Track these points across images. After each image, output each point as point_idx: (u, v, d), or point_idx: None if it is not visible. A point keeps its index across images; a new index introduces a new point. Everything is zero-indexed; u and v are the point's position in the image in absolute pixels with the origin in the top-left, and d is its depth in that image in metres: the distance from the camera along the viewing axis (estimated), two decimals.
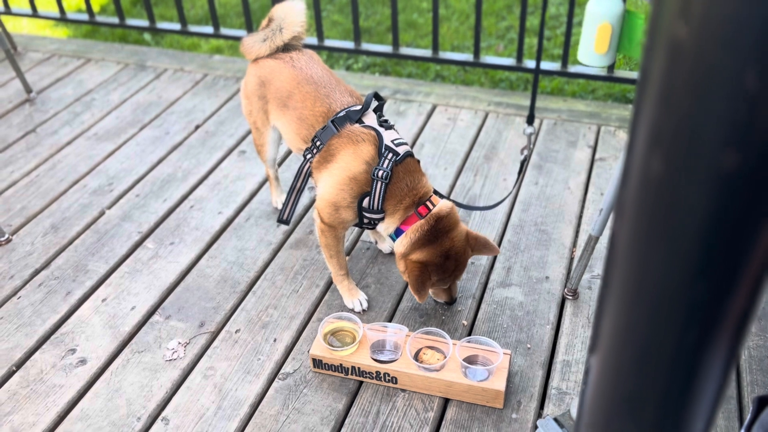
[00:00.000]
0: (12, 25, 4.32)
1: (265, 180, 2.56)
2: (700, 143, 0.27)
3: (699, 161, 0.27)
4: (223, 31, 3.46)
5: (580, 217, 2.33)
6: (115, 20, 3.61)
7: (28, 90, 3.13)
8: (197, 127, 2.91)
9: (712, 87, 0.26)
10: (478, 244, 1.84)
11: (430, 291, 1.91)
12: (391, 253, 2.19)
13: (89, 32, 4.22)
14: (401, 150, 1.78)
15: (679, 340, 0.33)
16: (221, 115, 2.99)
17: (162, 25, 3.55)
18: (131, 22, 3.60)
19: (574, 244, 2.22)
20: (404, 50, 3.24)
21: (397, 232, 1.80)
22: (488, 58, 3.14)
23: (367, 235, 2.26)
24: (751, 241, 0.29)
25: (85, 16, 3.68)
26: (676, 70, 0.27)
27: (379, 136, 1.79)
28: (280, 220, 1.99)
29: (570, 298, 2.01)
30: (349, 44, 3.27)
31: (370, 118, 1.85)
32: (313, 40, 3.30)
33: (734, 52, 0.25)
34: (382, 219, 1.82)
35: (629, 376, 0.34)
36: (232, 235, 2.30)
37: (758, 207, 0.27)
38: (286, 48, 2.05)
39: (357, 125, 1.81)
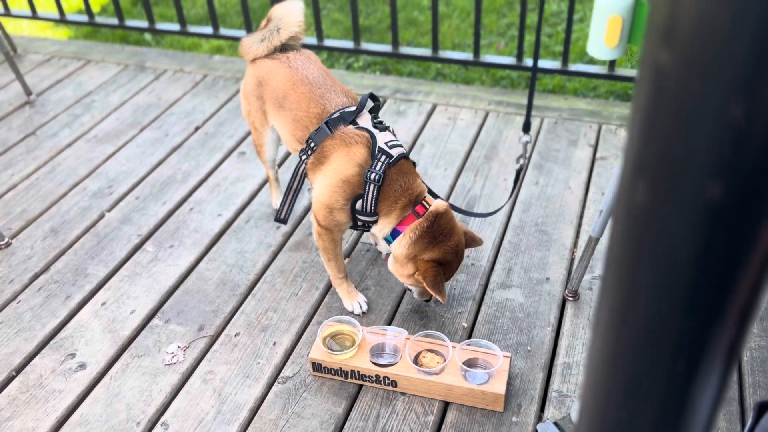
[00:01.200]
0: (12, 26, 4.31)
1: (265, 182, 2.55)
2: (685, 174, 0.26)
3: (684, 191, 0.26)
4: (223, 31, 3.45)
5: (581, 217, 2.32)
6: (115, 21, 3.61)
7: (28, 92, 3.13)
8: (197, 128, 2.90)
9: (696, 117, 0.25)
10: (468, 238, 1.86)
11: (414, 290, 1.90)
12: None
13: (90, 33, 4.21)
14: (395, 152, 1.77)
15: (669, 370, 0.32)
16: (221, 116, 2.98)
17: (161, 25, 3.54)
18: (131, 23, 3.59)
19: (575, 244, 2.20)
20: (404, 50, 3.22)
21: (394, 234, 1.79)
22: (488, 57, 3.13)
23: (367, 237, 2.25)
24: (739, 272, 0.28)
25: (84, 18, 3.67)
26: (660, 98, 0.26)
27: (373, 137, 1.78)
28: (278, 219, 1.99)
29: (571, 299, 2.00)
30: (349, 44, 3.26)
31: (365, 120, 1.84)
32: (312, 40, 3.29)
33: (719, 82, 0.24)
34: (376, 221, 1.81)
35: (618, 406, 0.33)
36: (231, 238, 2.30)
37: (745, 238, 0.26)
38: (284, 48, 2.05)
39: (350, 127, 1.80)
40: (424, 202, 1.78)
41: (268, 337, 1.93)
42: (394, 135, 1.86)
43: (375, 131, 1.80)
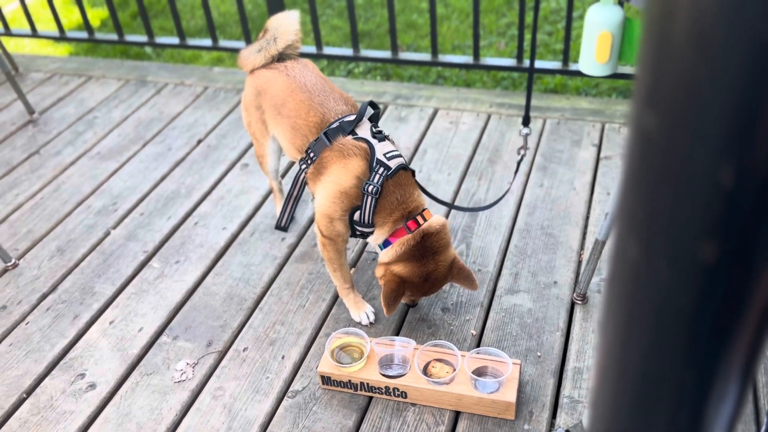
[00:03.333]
0: (14, 44, 4.34)
1: (269, 193, 2.55)
2: (676, 234, 0.25)
3: (676, 251, 0.26)
4: (222, 43, 3.45)
5: (587, 218, 2.30)
6: (114, 37, 3.61)
7: (31, 111, 3.14)
8: (199, 141, 2.91)
9: (685, 179, 0.24)
10: (460, 275, 1.82)
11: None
12: None
13: (90, 48, 4.23)
14: (393, 163, 1.77)
15: (670, 421, 0.31)
16: (222, 128, 2.99)
17: (161, 39, 3.55)
18: (130, 38, 3.60)
19: (582, 246, 2.19)
20: (403, 55, 3.22)
21: (385, 243, 1.80)
22: (488, 60, 3.11)
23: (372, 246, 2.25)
24: (736, 330, 0.27)
25: (84, 34, 3.68)
26: (648, 160, 0.25)
27: (372, 148, 1.77)
28: (278, 227, 2.00)
29: (579, 302, 1.98)
30: (348, 51, 3.25)
31: (364, 129, 1.83)
32: (312, 49, 3.28)
33: (706, 144, 0.23)
34: (372, 232, 1.81)
35: None
36: (237, 251, 2.30)
37: (739, 297, 0.26)
38: (282, 58, 2.05)
39: (349, 138, 1.80)
40: (418, 217, 1.77)
41: (276, 350, 1.93)
42: (394, 144, 1.85)
43: (374, 141, 1.79)
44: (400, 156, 1.81)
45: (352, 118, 1.84)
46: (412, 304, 1.96)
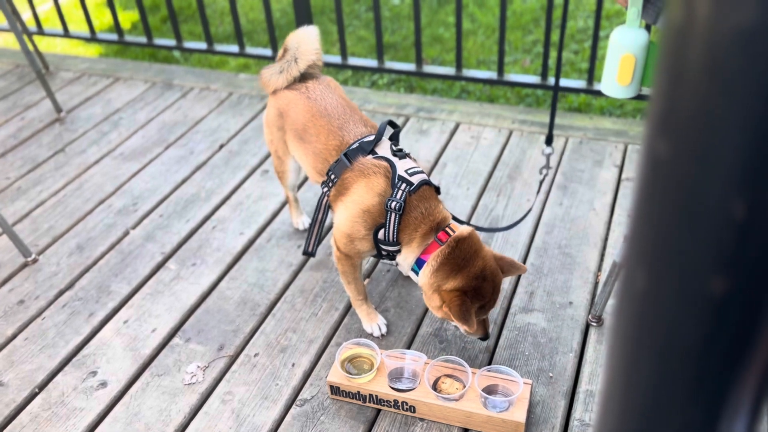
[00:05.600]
0: (45, 44, 4.42)
1: (286, 201, 2.56)
2: (685, 267, 0.25)
3: (685, 284, 0.25)
4: (249, 50, 3.49)
5: (606, 239, 2.28)
6: (143, 40, 3.67)
7: (59, 109, 3.19)
8: (221, 146, 2.93)
9: (696, 211, 0.23)
10: (505, 264, 1.77)
11: (440, 315, 1.80)
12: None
13: (120, 50, 4.30)
14: (415, 179, 1.74)
15: None
16: (245, 134, 3.01)
17: (189, 44, 3.60)
18: (159, 41, 3.65)
19: (599, 268, 2.17)
20: (427, 68, 3.22)
21: (419, 263, 1.74)
22: (512, 76, 3.11)
23: None
24: (745, 366, 0.26)
25: (114, 36, 3.75)
26: (659, 188, 0.24)
27: (393, 166, 1.76)
28: (306, 253, 1.96)
29: (594, 324, 1.96)
30: (373, 62, 3.27)
31: (384, 148, 1.82)
32: (337, 59, 3.30)
33: (719, 175, 0.23)
34: (399, 251, 1.78)
35: None
36: (253, 257, 2.31)
37: (750, 332, 0.25)
38: (303, 77, 2.04)
39: (369, 157, 1.78)
40: (447, 229, 1.73)
41: (287, 358, 1.92)
42: (415, 162, 1.84)
43: (394, 159, 1.78)
44: (422, 172, 1.78)
45: (372, 138, 1.84)
46: (485, 336, 1.78)
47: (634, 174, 0.26)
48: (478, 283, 1.68)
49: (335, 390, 1.77)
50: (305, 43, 2.01)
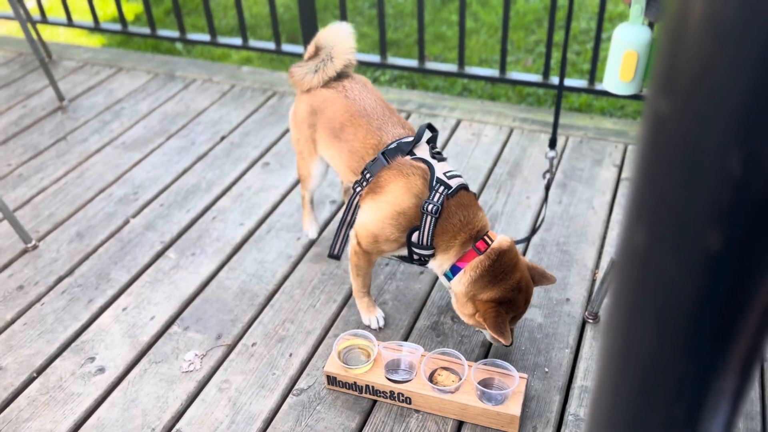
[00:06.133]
0: (49, 33, 4.42)
1: (287, 192, 2.57)
2: (684, 221, 0.26)
3: (683, 239, 0.26)
4: (252, 43, 3.49)
5: (604, 237, 2.29)
6: (147, 30, 3.68)
7: (61, 98, 3.20)
8: (223, 138, 2.94)
9: (695, 166, 0.25)
10: (537, 275, 1.76)
11: (488, 334, 1.80)
12: (421, 273, 2.18)
13: (123, 41, 4.30)
14: (454, 183, 1.71)
15: (667, 415, 0.31)
16: (247, 126, 3.02)
17: (192, 35, 3.61)
18: (162, 32, 3.66)
19: (597, 265, 2.18)
20: (430, 65, 3.23)
21: (453, 270, 1.72)
22: (514, 74, 3.12)
23: None
24: (739, 319, 0.27)
25: (118, 26, 3.75)
26: (660, 145, 0.25)
27: (431, 168, 1.72)
28: (331, 256, 1.94)
29: (591, 321, 1.97)
30: (375, 58, 3.28)
31: (422, 150, 1.78)
32: None
33: (717, 131, 0.24)
34: (433, 255, 1.74)
35: None
36: (252, 247, 2.32)
37: (746, 286, 0.26)
38: (338, 75, 1.98)
39: (408, 157, 1.75)
40: (486, 238, 1.70)
41: (284, 348, 1.93)
42: (452, 166, 1.80)
43: (433, 162, 1.74)
44: (460, 176, 1.75)
45: (410, 139, 1.80)
46: (509, 343, 1.72)
47: (638, 134, 0.27)
48: (513, 295, 1.68)
49: (332, 380, 1.78)
50: (340, 41, 1.95)
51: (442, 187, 1.69)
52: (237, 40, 3.50)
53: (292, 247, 2.31)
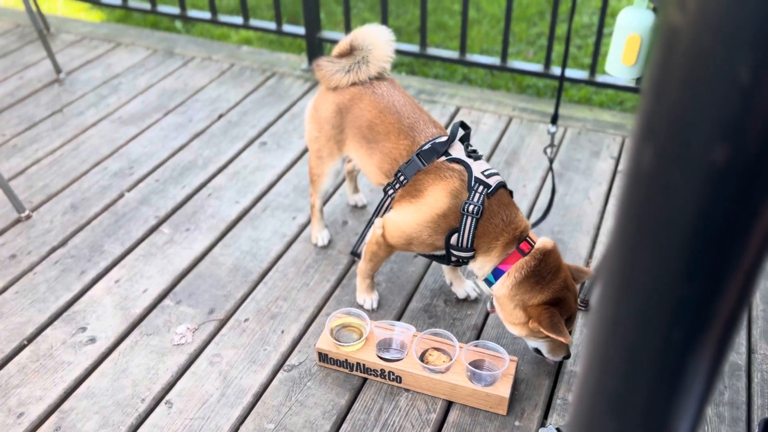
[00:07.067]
0: (47, 6, 4.39)
1: (284, 172, 2.57)
2: (691, 136, 0.26)
3: (690, 155, 0.26)
4: (253, 22, 3.47)
5: (599, 228, 2.30)
6: (147, 6, 3.65)
7: (58, 70, 3.18)
8: (220, 116, 2.93)
9: (706, 77, 0.25)
10: (575, 272, 1.71)
11: (536, 344, 1.72)
12: (415, 257, 2.18)
13: (122, 17, 4.27)
14: (492, 181, 1.67)
15: (665, 339, 0.32)
16: (245, 105, 3.01)
17: (192, 13, 3.58)
18: (162, 8, 3.63)
19: (590, 255, 2.19)
20: (431, 50, 3.23)
21: (496, 273, 1.67)
22: (515, 63, 3.12)
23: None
24: (742, 239, 0.27)
25: (118, 1, 3.72)
26: (671, 58, 0.26)
27: (468, 168, 1.68)
28: (354, 253, 1.93)
29: (582, 309, 1.98)
30: None
31: (457, 150, 1.74)
32: (341, 35, 3.30)
33: (729, 43, 0.24)
34: (473, 257, 1.71)
35: (614, 374, 0.33)
36: (247, 225, 2.31)
37: (749, 204, 0.26)
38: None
39: (444, 159, 1.70)
40: (528, 239, 1.66)
41: (276, 324, 1.94)
42: (488, 164, 1.76)
43: (469, 161, 1.70)
44: (497, 174, 1.71)
45: (444, 139, 1.74)
46: (568, 354, 1.73)
47: (651, 49, 0.27)
48: (564, 294, 1.63)
49: (323, 357, 1.79)
50: (379, 48, 1.88)
51: (481, 187, 1.65)
52: (238, 19, 3.48)
53: (287, 227, 2.31)
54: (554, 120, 1.82)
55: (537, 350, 1.74)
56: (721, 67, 0.24)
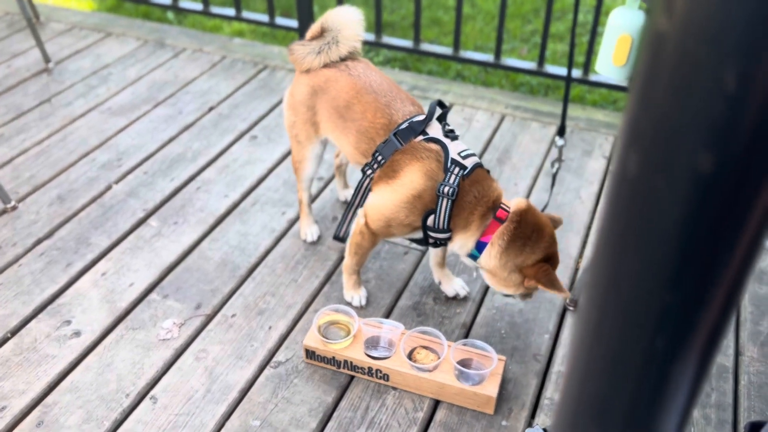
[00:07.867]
0: None
1: (274, 166, 2.55)
2: (677, 143, 0.25)
3: (675, 162, 0.25)
4: (245, 14, 3.45)
5: (589, 227, 2.29)
6: None
7: (47, 60, 3.14)
8: (211, 108, 2.90)
9: (692, 84, 0.24)
10: (552, 222, 1.75)
11: (518, 295, 1.77)
12: (405, 254, 2.17)
13: (113, 6, 4.23)
14: (468, 162, 1.67)
15: (648, 346, 0.30)
16: (236, 98, 2.98)
17: (184, 4, 3.55)
18: None
19: (581, 254, 2.18)
20: (425, 46, 3.21)
21: (479, 246, 1.68)
22: (509, 61, 3.11)
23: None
24: (727, 247, 0.26)
25: None
26: (658, 64, 0.24)
27: (445, 148, 1.68)
28: (336, 237, 1.88)
29: (571, 309, 1.98)
30: (370, 36, 3.24)
31: (435, 129, 1.73)
32: None
33: (715, 50, 0.23)
34: (450, 239, 1.72)
35: (597, 379, 0.32)
36: (236, 220, 2.29)
37: (734, 212, 0.25)
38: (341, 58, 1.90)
39: (421, 138, 1.70)
40: (503, 206, 1.67)
41: (264, 320, 1.92)
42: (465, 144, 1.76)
43: (446, 141, 1.70)
44: (474, 155, 1.71)
45: (421, 118, 1.74)
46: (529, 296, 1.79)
47: (637, 54, 0.26)
48: (553, 249, 1.68)
49: (310, 354, 1.77)
50: (348, 27, 1.88)
51: (457, 168, 1.65)
52: (230, 11, 3.46)
53: (277, 222, 2.29)
54: (561, 131, 1.80)
55: (508, 295, 1.79)
56: (707, 74, 0.23)
